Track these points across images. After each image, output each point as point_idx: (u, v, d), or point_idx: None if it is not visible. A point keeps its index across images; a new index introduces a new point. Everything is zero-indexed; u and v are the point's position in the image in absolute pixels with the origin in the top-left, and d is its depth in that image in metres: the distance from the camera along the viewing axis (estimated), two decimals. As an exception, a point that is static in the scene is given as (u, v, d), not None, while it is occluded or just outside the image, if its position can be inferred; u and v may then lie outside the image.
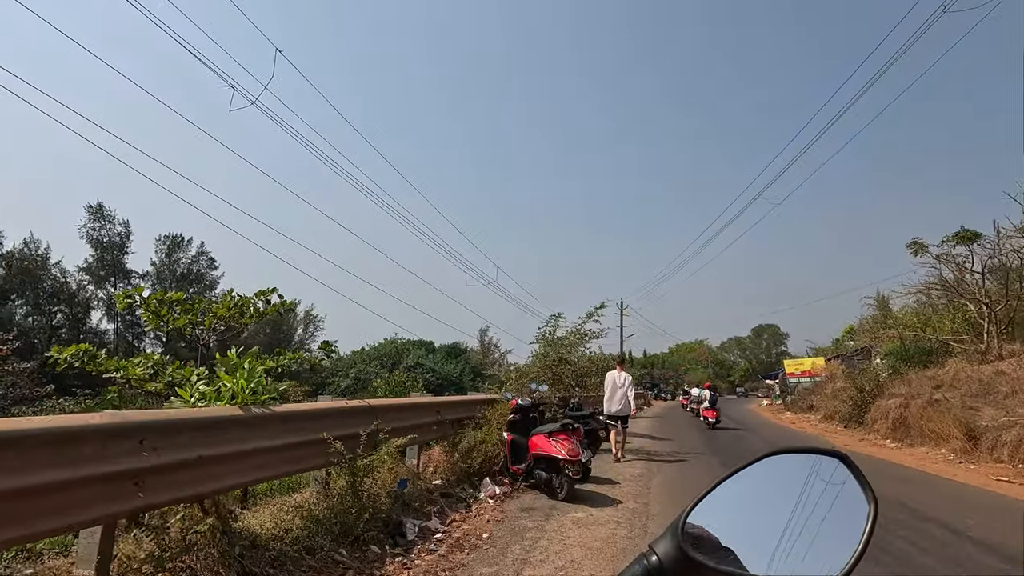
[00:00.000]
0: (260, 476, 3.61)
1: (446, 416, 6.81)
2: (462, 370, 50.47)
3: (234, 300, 6.21)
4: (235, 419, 3.43)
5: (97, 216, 44.78)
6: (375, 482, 4.88)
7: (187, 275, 48.36)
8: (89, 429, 2.58)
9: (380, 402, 5.31)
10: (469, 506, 5.83)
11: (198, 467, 3.15)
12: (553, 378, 10.96)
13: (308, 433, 4.12)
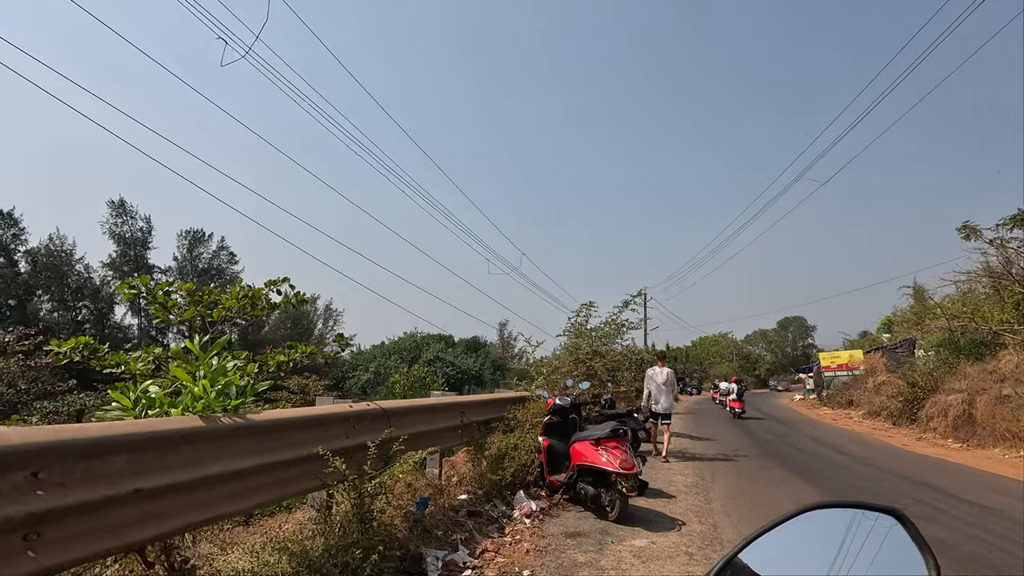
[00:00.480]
0: (229, 509, 2.67)
1: (472, 418, 5.83)
2: (482, 364, 49.91)
3: (244, 291, 5.45)
4: (191, 433, 2.49)
5: (119, 212, 44.97)
6: (389, 503, 3.93)
7: (208, 270, 48.37)
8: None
9: (394, 404, 4.35)
10: (502, 527, 4.86)
11: (133, 504, 2.22)
12: (587, 372, 9.94)
13: (298, 448, 3.17)
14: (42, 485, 1.92)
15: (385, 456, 3.88)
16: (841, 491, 6.87)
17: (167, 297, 5.19)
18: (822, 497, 6.03)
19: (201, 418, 2.59)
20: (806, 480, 7.56)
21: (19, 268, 38.80)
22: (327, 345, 5.83)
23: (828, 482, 7.46)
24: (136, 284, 5.18)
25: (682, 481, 7.28)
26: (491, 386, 41.75)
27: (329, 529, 3.42)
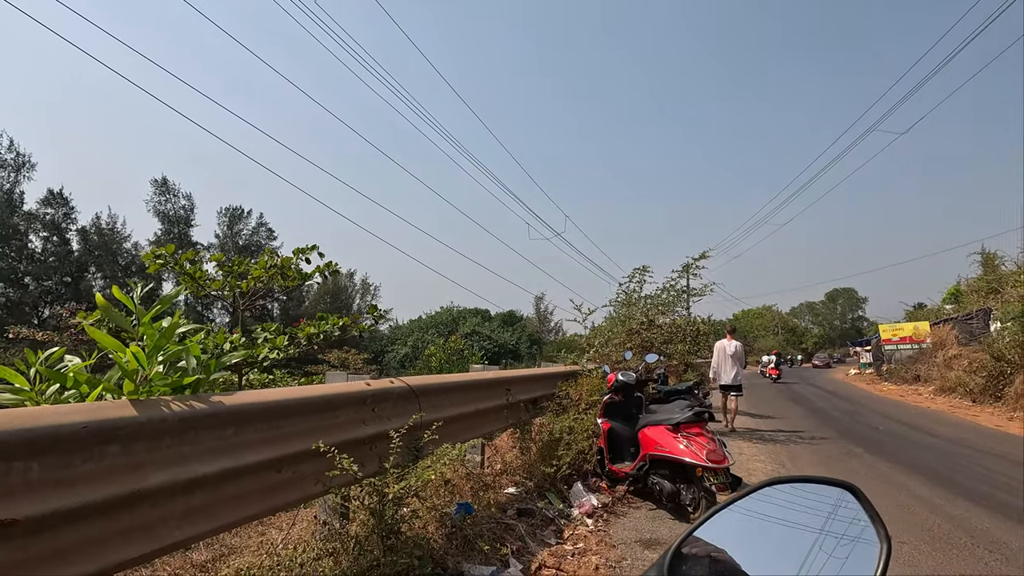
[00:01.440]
0: (181, 536, 1.82)
1: (519, 397, 4.93)
2: (519, 338, 49.34)
3: (272, 260, 4.91)
4: (117, 427, 1.64)
5: (162, 190, 45.76)
6: (422, 505, 3.08)
7: (248, 246, 48.98)
8: None
9: (425, 381, 3.46)
10: (560, 531, 3.98)
11: (5, 543, 1.38)
12: (641, 344, 8.91)
13: (295, 440, 2.31)
14: None
15: (414, 448, 3.01)
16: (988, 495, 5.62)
17: (195, 267, 4.79)
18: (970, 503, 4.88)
19: (134, 404, 1.72)
20: (925, 477, 5.97)
21: (71, 247, 39.98)
22: (361, 317, 5.15)
23: (959, 479, 5.88)
24: (162, 253, 4.67)
25: (761, 468, 6.25)
26: (528, 360, 41.14)
27: (343, 547, 2.58)
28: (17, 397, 1.68)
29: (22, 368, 1.77)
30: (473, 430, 4.14)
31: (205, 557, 3.09)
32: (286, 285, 5.15)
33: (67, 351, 2.01)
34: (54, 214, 38.47)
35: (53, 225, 37.68)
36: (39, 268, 35.74)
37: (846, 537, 0.62)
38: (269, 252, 4.96)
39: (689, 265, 10.02)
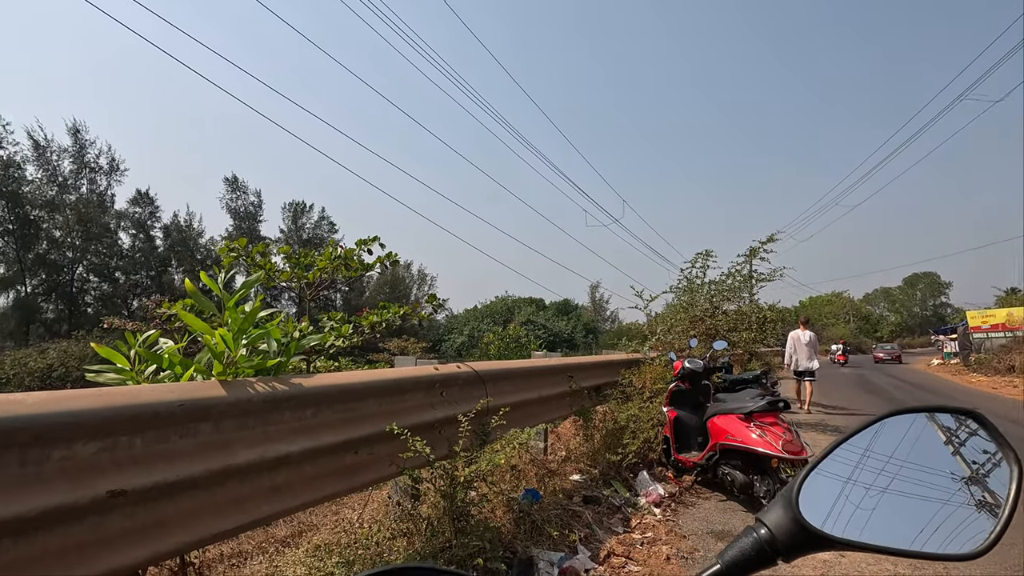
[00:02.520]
0: (268, 511, 1.90)
1: (582, 384, 4.87)
2: (574, 327, 49.08)
3: (336, 251, 5.07)
4: (208, 405, 1.71)
5: (233, 187, 48.31)
6: (490, 489, 3.10)
7: (311, 239, 51.03)
8: None
9: (491, 367, 3.47)
10: (627, 519, 3.91)
11: (110, 514, 1.47)
12: (705, 332, 8.60)
13: (368, 422, 2.36)
14: (-62, 493, 1.19)
15: (481, 433, 3.02)
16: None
17: (265, 259, 5.02)
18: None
19: (223, 384, 1.80)
20: None
21: (155, 243, 42.98)
22: (420, 306, 5.26)
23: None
24: (235, 247, 4.90)
25: (839, 462, 5.91)
26: (584, 349, 40.86)
27: (415, 527, 2.63)
28: (120, 377, 1.79)
29: (123, 350, 1.88)
30: (537, 416, 4.12)
31: (285, 532, 3.24)
32: (349, 275, 5.32)
33: (153, 331, 2.13)
34: (141, 213, 41.41)
35: (140, 223, 40.57)
36: (128, 263, 38.63)
37: (975, 464, 0.61)
38: (333, 244, 5.12)
39: (755, 249, 9.55)
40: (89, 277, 35.99)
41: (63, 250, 32.98)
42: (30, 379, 19.16)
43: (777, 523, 0.59)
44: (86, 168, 33.89)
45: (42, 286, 32.55)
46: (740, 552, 0.59)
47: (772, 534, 0.58)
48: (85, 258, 34.55)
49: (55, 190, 32.12)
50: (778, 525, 0.58)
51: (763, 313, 10.92)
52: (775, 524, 0.59)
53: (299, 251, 5.19)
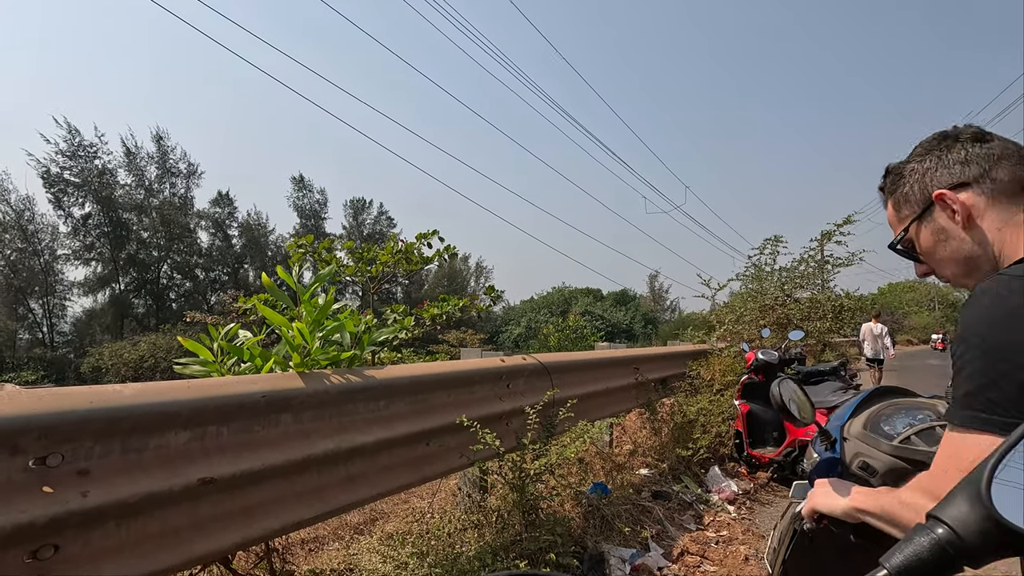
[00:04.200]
0: (346, 500, 1.93)
1: (648, 376, 4.73)
2: (632, 317, 48.25)
3: (397, 246, 5.21)
4: (287, 397, 1.76)
5: (299, 186, 50.54)
6: (559, 482, 3.05)
7: (372, 235, 52.64)
8: None
9: (556, 358, 3.41)
10: (699, 516, 3.77)
11: (201, 501, 1.53)
12: (777, 322, 8.18)
13: (437, 414, 2.36)
14: (52, 477, 1.26)
15: (549, 425, 2.97)
16: None
17: (331, 254, 5.19)
18: None
19: (301, 376, 1.84)
20: None
21: (232, 241, 45.68)
22: (478, 298, 5.30)
23: None
24: (303, 243, 5.10)
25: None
26: (643, 340, 40.06)
27: (485, 519, 2.63)
28: (205, 369, 1.87)
29: (207, 343, 1.96)
30: (603, 409, 4.03)
31: (358, 520, 3.33)
32: (409, 269, 5.44)
33: (234, 324, 2.21)
34: (220, 212, 44.09)
35: (218, 223, 43.22)
36: (207, 261, 41.29)
37: None
38: (394, 238, 5.22)
39: (830, 232, 8.95)
40: (173, 275, 38.73)
41: (150, 250, 35.63)
42: (125, 368, 20.92)
43: (962, 520, 0.50)
44: (169, 173, 36.36)
45: (133, 283, 35.33)
46: (915, 556, 0.51)
47: (955, 534, 0.50)
48: (169, 257, 37.16)
49: (143, 194, 34.67)
50: (963, 523, 0.50)
51: (839, 301, 10.27)
52: (959, 522, 0.50)
53: (362, 246, 5.34)
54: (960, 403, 0.74)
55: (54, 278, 31.68)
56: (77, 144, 31.09)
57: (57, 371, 26.12)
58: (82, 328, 32.76)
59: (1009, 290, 0.73)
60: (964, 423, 0.73)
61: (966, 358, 0.74)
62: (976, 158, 0.89)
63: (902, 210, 1.00)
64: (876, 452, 1.24)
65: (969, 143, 0.91)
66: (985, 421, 0.70)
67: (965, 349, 0.75)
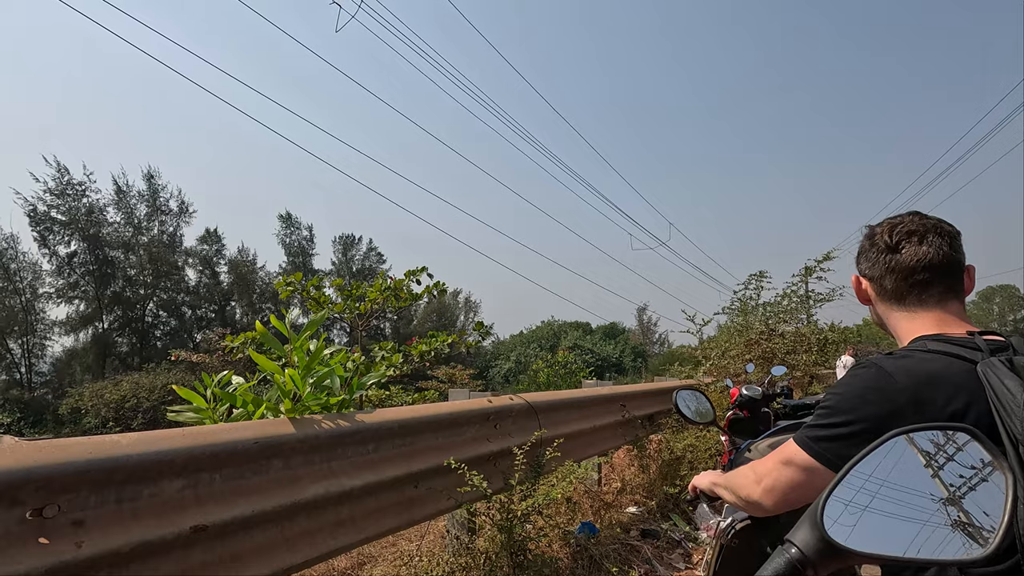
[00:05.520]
0: (335, 545, 1.95)
1: (634, 412, 4.78)
2: (622, 351, 48.27)
3: (386, 283, 5.30)
4: (279, 443, 1.80)
5: (287, 223, 50.68)
6: (546, 523, 3.07)
7: (361, 270, 52.63)
8: None
9: (543, 397, 3.47)
10: (688, 554, 3.77)
11: (193, 548, 1.56)
12: (762, 356, 8.30)
13: (425, 456, 2.41)
14: (47, 528, 1.30)
15: (537, 465, 3.01)
16: None
17: (320, 292, 5.24)
18: None
19: (292, 422, 1.89)
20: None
21: (219, 278, 45.39)
22: (468, 334, 5.36)
23: None
24: (292, 281, 5.16)
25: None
26: (633, 374, 40.03)
27: (473, 562, 2.63)
28: (198, 416, 1.91)
29: (200, 390, 2.01)
30: (590, 447, 4.06)
31: (346, 564, 3.30)
32: (398, 306, 5.51)
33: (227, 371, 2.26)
34: (208, 250, 43.97)
35: (206, 260, 43.06)
36: (194, 299, 40.92)
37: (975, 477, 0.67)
38: (383, 275, 5.30)
39: (811, 268, 9.21)
40: (159, 312, 38.28)
41: (136, 287, 35.31)
42: (106, 409, 20.41)
43: (805, 542, 0.64)
44: (159, 211, 36.38)
45: (117, 322, 34.83)
46: (775, 572, 0.64)
47: (802, 552, 0.64)
48: (156, 295, 36.82)
49: (131, 232, 34.58)
50: (807, 544, 0.64)
51: (823, 334, 10.47)
52: (804, 543, 0.64)
53: (351, 283, 5.40)
54: (807, 428, 1.02)
55: (35, 317, 31.17)
56: (66, 183, 31.16)
57: (35, 413, 25.41)
58: (62, 368, 32.06)
59: (869, 376, 0.97)
60: (798, 440, 1.02)
61: (825, 403, 1.01)
62: (877, 264, 1.14)
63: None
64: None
65: (880, 251, 1.14)
66: (810, 447, 0.99)
67: (827, 399, 1.01)
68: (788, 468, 1.04)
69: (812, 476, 0.99)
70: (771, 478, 1.07)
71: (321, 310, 5.14)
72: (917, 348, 1.00)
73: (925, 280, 1.08)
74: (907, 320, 1.10)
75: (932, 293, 1.09)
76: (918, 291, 1.09)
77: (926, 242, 1.09)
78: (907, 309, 1.11)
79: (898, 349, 1.06)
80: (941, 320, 1.07)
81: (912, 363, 0.95)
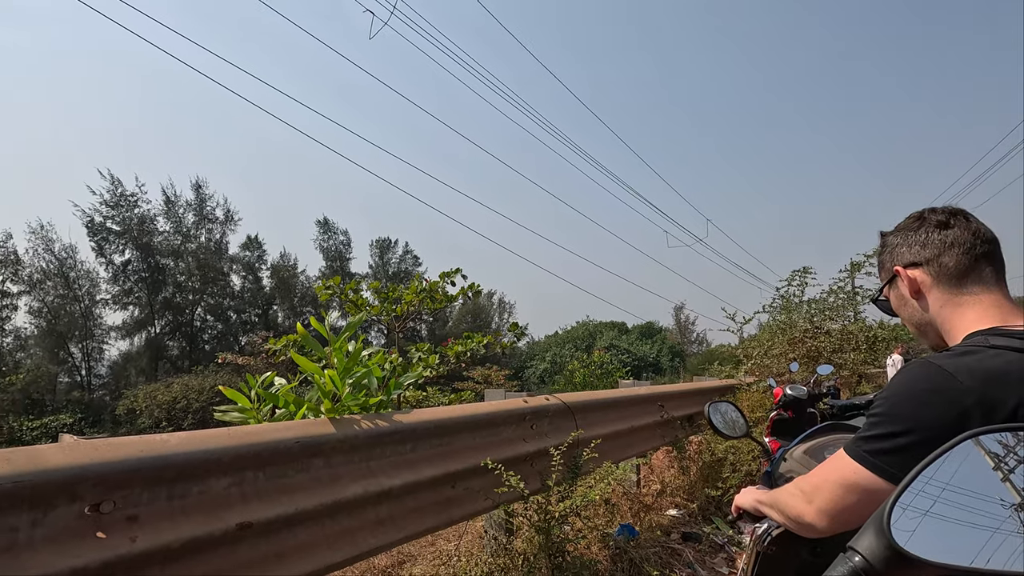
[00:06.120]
0: (376, 543, 1.98)
1: (673, 413, 4.69)
2: (659, 350, 47.52)
3: (421, 285, 5.41)
4: (320, 443, 1.84)
5: (324, 228, 51.97)
6: (585, 524, 3.04)
7: (397, 273, 53.51)
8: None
9: (579, 398, 3.44)
10: (732, 559, 3.67)
11: (239, 545, 1.60)
12: (807, 354, 8.02)
13: (462, 457, 2.41)
14: (104, 523, 1.35)
15: (574, 466, 2.98)
16: None
17: (357, 295, 5.36)
18: None
19: (332, 422, 1.92)
20: None
21: (262, 283, 46.95)
22: (503, 335, 5.37)
23: None
24: (331, 285, 5.30)
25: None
26: (671, 373, 39.36)
27: (511, 563, 2.63)
28: (243, 416, 1.97)
29: (244, 390, 2.07)
30: (628, 448, 4.00)
31: (386, 563, 3.34)
32: (434, 307, 5.59)
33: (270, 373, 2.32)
34: (250, 256, 45.53)
35: (249, 266, 44.59)
36: (239, 303, 42.44)
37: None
38: (418, 278, 5.38)
39: (858, 263, 8.84)
40: (206, 317, 39.83)
41: (185, 293, 36.85)
42: (158, 410, 21.37)
43: (871, 550, 0.60)
44: (206, 219, 37.89)
45: (168, 326, 36.43)
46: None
47: (867, 562, 0.60)
48: (203, 300, 38.33)
49: (179, 240, 36.12)
50: (872, 552, 0.60)
51: (872, 332, 10.04)
52: (869, 551, 0.60)
53: (388, 286, 5.50)
54: (858, 439, 0.94)
55: (93, 322, 32.89)
56: (119, 194, 32.79)
57: (94, 413, 26.83)
58: (118, 371, 33.74)
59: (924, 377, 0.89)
60: (852, 453, 0.93)
61: (876, 410, 0.93)
62: (931, 243, 1.05)
63: (880, 273, 1.20)
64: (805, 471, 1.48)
65: (931, 228, 1.06)
66: (867, 460, 0.90)
67: (880, 404, 0.93)
68: (842, 485, 0.94)
69: (871, 493, 0.89)
70: (823, 497, 0.97)
71: (359, 312, 5.25)
72: (976, 344, 0.92)
73: (987, 252, 1.02)
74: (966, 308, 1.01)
75: (994, 269, 1.02)
76: (981, 265, 1.02)
77: (972, 220, 1.05)
78: (966, 292, 1.01)
79: (954, 345, 0.98)
80: (1000, 306, 0.99)
81: (974, 361, 0.88)
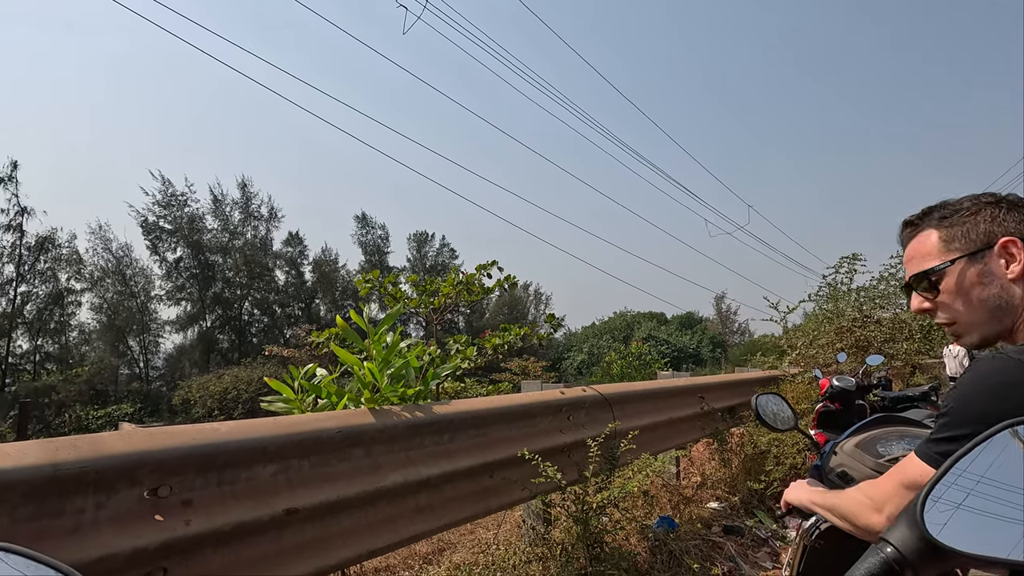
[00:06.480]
0: (415, 531, 2.02)
1: (713, 405, 4.59)
2: (699, 341, 46.59)
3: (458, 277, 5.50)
4: (360, 432, 1.89)
5: (362, 223, 53.00)
6: (623, 516, 3.02)
7: (435, 266, 54.14)
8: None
9: (617, 389, 3.41)
10: (775, 553, 3.59)
11: (285, 530, 1.67)
12: (855, 344, 7.70)
13: (499, 447, 2.44)
14: (162, 506, 1.43)
15: (611, 457, 2.97)
16: None
17: (396, 288, 5.48)
18: None
19: (372, 412, 1.97)
20: None
21: (304, 278, 48.36)
22: (539, 327, 5.39)
23: None
24: (370, 278, 5.43)
25: None
26: (711, 364, 38.55)
27: (550, 552, 2.64)
28: (287, 406, 2.04)
29: (288, 381, 2.14)
30: (667, 440, 3.95)
31: (427, 549, 3.42)
32: (471, 299, 5.64)
33: (312, 364, 2.40)
34: (292, 252, 46.93)
35: (292, 261, 45.99)
36: (283, 297, 43.85)
37: None
38: (455, 270, 5.45)
39: (913, 248, 8.40)
40: (253, 311, 41.32)
41: (233, 289, 38.32)
42: (211, 400, 22.38)
43: (903, 541, 0.60)
44: (251, 216, 39.25)
45: (218, 320, 38.00)
46: (868, 572, 0.60)
47: (900, 553, 0.59)
48: (250, 295, 39.79)
49: (227, 237, 37.55)
50: (904, 543, 0.59)
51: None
52: (901, 542, 0.60)
53: (425, 279, 5.58)
54: (929, 441, 0.89)
55: (149, 317, 34.64)
56: (170, 195, 34.29)
57: (152, 403, 28.29)
58: (173, 363, 35.44)
59: (1000, 371, 0.85)
60: (923, 456, 0.89)
61: (949, 409, 0.88)
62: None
63: (954, 243, 1.03)
64: (859, 466, 1.46)
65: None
66: (937, 462, 0.84)
67: (951, 402, 0.88)
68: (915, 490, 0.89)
69: None
70: (894, 505, 0.91)
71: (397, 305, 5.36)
72: None
73: None
74: None
75: None
76: None
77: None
78: None
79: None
80: None
81: None
